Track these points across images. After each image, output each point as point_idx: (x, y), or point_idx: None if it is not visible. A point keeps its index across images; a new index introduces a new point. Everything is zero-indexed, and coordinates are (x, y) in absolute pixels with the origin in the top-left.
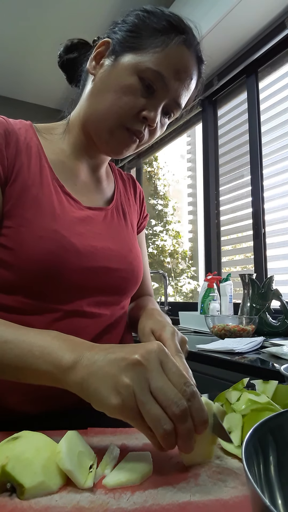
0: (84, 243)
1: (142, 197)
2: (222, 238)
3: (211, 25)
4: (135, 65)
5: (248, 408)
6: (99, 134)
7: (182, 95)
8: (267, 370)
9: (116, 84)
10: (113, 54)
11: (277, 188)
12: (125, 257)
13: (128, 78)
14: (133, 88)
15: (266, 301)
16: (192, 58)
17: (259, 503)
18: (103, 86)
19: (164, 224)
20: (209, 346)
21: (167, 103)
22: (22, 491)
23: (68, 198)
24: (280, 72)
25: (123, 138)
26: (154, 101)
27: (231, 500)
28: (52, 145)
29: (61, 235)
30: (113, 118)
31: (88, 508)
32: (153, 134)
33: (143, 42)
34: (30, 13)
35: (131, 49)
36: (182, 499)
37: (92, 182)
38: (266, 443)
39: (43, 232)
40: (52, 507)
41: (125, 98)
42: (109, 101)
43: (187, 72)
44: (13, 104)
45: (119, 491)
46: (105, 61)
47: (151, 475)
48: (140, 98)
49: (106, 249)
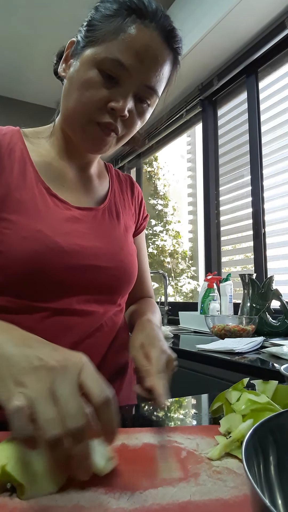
0: (69, 242)
1: (140, 198)
2: (222, 238)
3: (211, 25)
4: (93, 58)
5: (248, 408)
6: (74, 133)
7: (150, 78)
8: (267, 370)
9: (78, 81)
10: (77, 53)
11: (277, 188)
12: (115, 255)
13: (88, 73)
14: (93, 82)
15: (266, 301)
16: (153, 35)
17: (259, 503)
18: (69, 86)
19: (164, 224)
20: (209, 346)
21: (138, 89)
22: (22, 491)
23: (54, 199)
24: (280, 72)
25: (96, 134)
26: (119, 90)
27: (231, 499)
28: (39, 148)
29: (45, 235)
30: (80, 115)
31: (88, 508)
32: (131, 124)
33: (99, 33)
34: (30, 12)
35: (90, 43)
36: (182, 499)
37: (81, 182)
38: (266, 443)
39: (27, 233)
40: (52, 506)
41: (87, 93)
42: (75, 100)
43: (149, 52)
44: (13, 104)
45: (119, 491)
46: (72, 62)
47: (151, 476)
48: (103, 89)
49: (94, 248)
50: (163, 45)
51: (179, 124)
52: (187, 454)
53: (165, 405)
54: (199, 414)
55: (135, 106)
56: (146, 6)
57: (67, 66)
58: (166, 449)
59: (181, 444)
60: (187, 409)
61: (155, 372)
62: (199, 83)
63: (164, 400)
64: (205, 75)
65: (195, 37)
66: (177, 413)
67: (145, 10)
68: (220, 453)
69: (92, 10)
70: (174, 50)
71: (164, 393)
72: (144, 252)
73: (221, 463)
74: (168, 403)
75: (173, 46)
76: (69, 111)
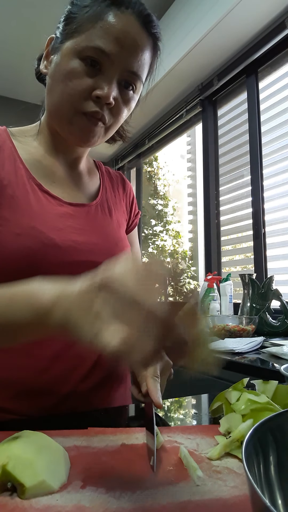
0: (64, 238)
1: (132, 195)
2: (222, 238)
3: (211, 25)
4: (73, 48)
5: (247, 408)
6: (61, 127)
7: (133, 63)
8: (267, 370)
9: (61, 74)
10: (57, 48)
11: (277, 188)
12: (110, 250)
13: (69, 63)
14: (76, 71)
15: (266, 301)
16: (132, 19)
17: (259, 503)
18: (52, 81)
19: (164, 224)
20: None
21: (121, 76)
22: (23, 490)
23: (46, 195)
24: (280, 72)
25: (83, 124)
26: (102, 77)
27: (231, 499)
28: (27, 146)
29: (39, 231)
30: (66, 107)
31: (89, 507)
32: (118, 112)
33: (77, 24)
34: (30, 12)
35: (69, 36)
36: (182, 499)
37: (72, 178)
38: (266, 443)
39: (20, 230)
40: (52, 506)
41: (71, 84)
42: (59, 92)
43: (128, 37)
44: (12, 104)
45: (119, 491)
46: (52, 58)
47: (151, 476)
48: (86, 78)
49: (89, 244)
50: (141, 30)
51: (179, 124)
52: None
53: (161, 408)
54: (199, 414)
55: (120, 93)
56: None
57: (48, 62)
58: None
59: (181, 444)
60: (187, 409)
61: (150, 376)
62: (199, 83)
63: (159, 403)
64: (205, 75)
65: (195, 37)
66: (177, 413)
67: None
68: (219, 453)
69: (68, 5)
70: (153, 35)
71: (159, 397)
72: (138, 249)
73: (221, 463)
74: (162, 404)
75: (151, 31)
76: (55, 105)
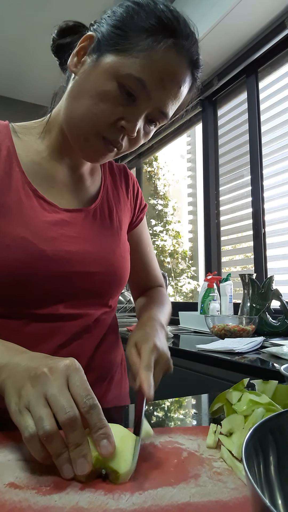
0: (56, 249)
1: (136, 189)
2: (222, 238)
3: (211, 25)
4: (115, 69)
5: (249, 409)
6: (74, 140)
7: (167, 104)
8: (267, 370)
9: (93, 89)
10: (95, 53)
11: (277, 188)
12: (106, 259)
13: (107, 84)
14: (111, 95)
15: (266, 301)
16: (183, 64)
17: (259, 503)
18: (81, 89)
19: (164, 224)
20: (209, 346)
21: (151, 112)
22: (117, 476)
23: (41, 202)
24: (280, 72)
25: (99, 147)
26: (134, 110)
27: (231, 501)
28: (28, 146)
29: (29, 242)
30: (88, 126)
31: (87, 509)
32: (134, 143)
33: (128, 42)
34: (29, 11)
35: (114, 49)
36: (181, 500)
37: (73, 183)
38: (266, 443)
39: (10, 241)
40: (51, 507)
41: (101, 106)
42: (85, 107)
43: (174, 80)
44: (12, 104)
45: (118, 492)
46: (87, 59)
47: (152, 476)
48: (119, 106)
49: (83, 253)
50: (187, 74)
51: (179, 124)
52: (188, 455)
53: (151, 400)
54: (199, 414)
55: (143, 126)
56: (182, 29)
57: (79, 62)
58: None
59: (182, 445)
60: (187, 409)
61: (143, 367)
62: (199, 83)
63: (150, 394)
64: (205, 75)
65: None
66: (177, 413)
67: (180, 32)
68: (214, 440)
69: (120, 7)
70: (195, 79)
71: (150, 387)
72: (146, 242)
73: (222, 464)
74: (152, 396)
75: (195, 75)
76: (76, 116)
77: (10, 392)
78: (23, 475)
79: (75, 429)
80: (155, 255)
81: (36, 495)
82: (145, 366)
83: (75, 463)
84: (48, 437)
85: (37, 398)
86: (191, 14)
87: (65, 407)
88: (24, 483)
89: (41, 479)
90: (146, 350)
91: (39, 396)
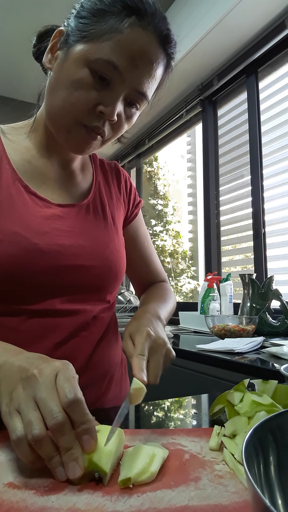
0: (49, 242)
1: (129, 184)
2: (222, 238)
3: (211, 25)
4: (85, 56)
5: (253, 411)
6: (57, 132)
7: (143, 83)
8: (267, 370)
9: (67, 79)
10: (66, 45)
11: (277, 188)
12: (100, 253)
13: (78, 71)
14: (84, 82)
15: (266, 301)
16: (151, 39)
17: (259, 503)
18: (56, 82)
19: (164, 224)
20: (209, 346)
21: (129, 94)
22: (106, 478)
23: (33, 197)
24: (280, 72)
25: (82, 136)
26: (110, 93)
27: (230, 505)
28: (17, 145)
29: (22, 237)
30: (67, 116)
31: (84, 510)
32: (118, 128)
33: (95, 29)
34: (29, 11)
35: (83, 38)
36: (179, 504)
37: (64, 178)
38: (266, 443)
39: (2, 236)
40: (48, 508)
41: (76, 94)
42: (62, 98)
43: (144, 57)
44: (11, 104)
45: (116, 494)
46: (59, 53)
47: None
48: (93, 91)
49: (77, 247)
50: (158, 50)
51: (179, 124)
52: (190, 457)
53: (145, 383)
54: (199, 414)
55: (124, 109)
56: (146, 7)
57: (53, 57)
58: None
59: (185, 447)
60: (187, 409)
61: (135, 355)
62: (199, 83)
63: (141, 378)
64: (205, 75)
65: (195, 37)
66: (177, 413)
67: (144, 10)
68: (218, 442)
69: (86, 0)
70: (169, 55)
71: (140, 372)
72: (144, 237)
73: (224, 467)
74: (145, 379)
75: (168, 51)
76: (55, 109)
77: (3, 393)
78: (22, 475)
79: (64, 434)
80: (155, 251)
81: (34, 496)
82: (137, 353)
83: (67, 466)
84: (37, 442)
85: (27, 401)
86: (191, 14)
87: (53, 412)
88: (23, 483)
89: (40, 480)
90: (139, 338)
91: (29, 399)
